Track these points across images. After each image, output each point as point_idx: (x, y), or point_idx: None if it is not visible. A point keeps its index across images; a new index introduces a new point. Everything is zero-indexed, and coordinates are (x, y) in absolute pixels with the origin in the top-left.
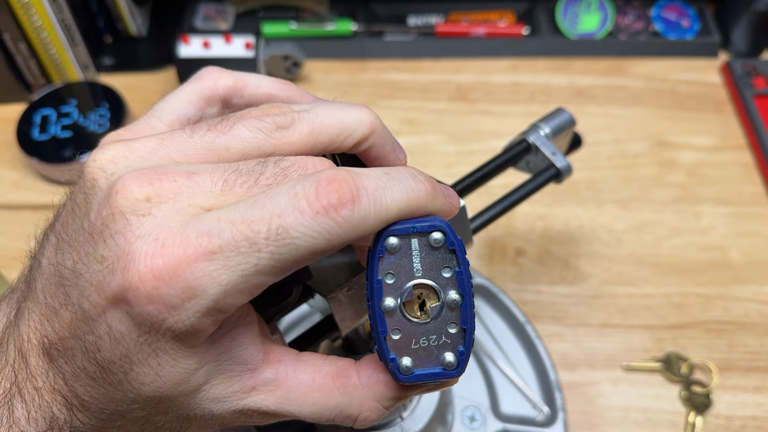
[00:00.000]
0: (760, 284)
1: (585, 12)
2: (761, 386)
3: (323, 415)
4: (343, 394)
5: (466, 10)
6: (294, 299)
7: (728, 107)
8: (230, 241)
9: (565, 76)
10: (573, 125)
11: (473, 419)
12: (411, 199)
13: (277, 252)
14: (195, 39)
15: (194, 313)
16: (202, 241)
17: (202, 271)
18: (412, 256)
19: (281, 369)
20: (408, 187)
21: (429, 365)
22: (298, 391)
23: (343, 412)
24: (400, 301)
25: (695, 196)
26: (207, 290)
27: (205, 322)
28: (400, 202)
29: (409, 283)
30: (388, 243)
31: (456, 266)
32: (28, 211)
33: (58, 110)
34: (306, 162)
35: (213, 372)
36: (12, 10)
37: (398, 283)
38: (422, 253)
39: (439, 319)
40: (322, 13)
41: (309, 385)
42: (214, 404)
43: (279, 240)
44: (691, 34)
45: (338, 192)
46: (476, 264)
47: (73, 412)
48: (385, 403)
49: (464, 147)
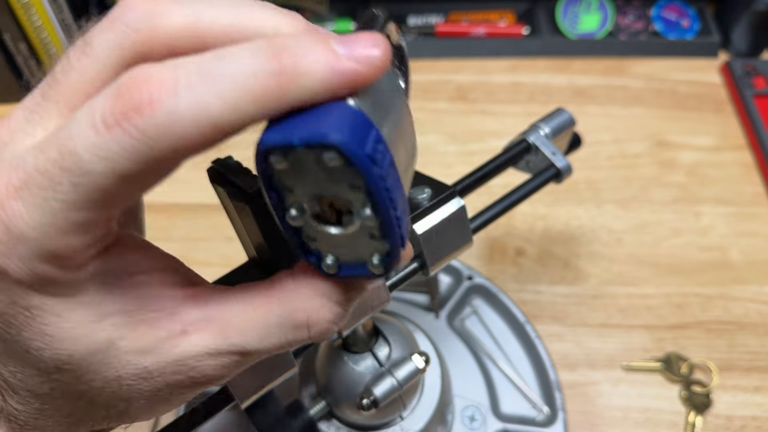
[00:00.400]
0: (760, 284)
1: (585, 12)
2: (761, 386)
3: (272, 335)
4: (283, 303)
5: (466, 10)
6: None
7: (728, 107)
8: (32, 174)
9: (565, 76)
10: (573, 125)
11: (473, 419)
12: (249, 91)
13: (77, 182)
14: None
15: (25, 259)
16: (10, 177)
17: (12, 210)
18: (307, 174)
19: (211, 305)
20: (244, 71)
21: (356, 266)
22: (234, 320)
23: (291, 323)
24: (307, 213)
25: (695, 196)
26: (24, 232)
27: (47, 268)
28: (228, 97)
29: (309, 197)
30: (271, 162)
31: (363, 186)
32: None
33: None
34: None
35: (124, 324)
36: (12, 10)
37: (299, 197)
38: (318, 170)
39: (359, 229)
40: (322, 13)
41: (244, 309)
42: (144, 357)
43: (74, 167)
44: (691, 34)
45: (131, 95)
46: (476, 264)
47: (5, 397)
48: (334, 298)
49: (464, 147)
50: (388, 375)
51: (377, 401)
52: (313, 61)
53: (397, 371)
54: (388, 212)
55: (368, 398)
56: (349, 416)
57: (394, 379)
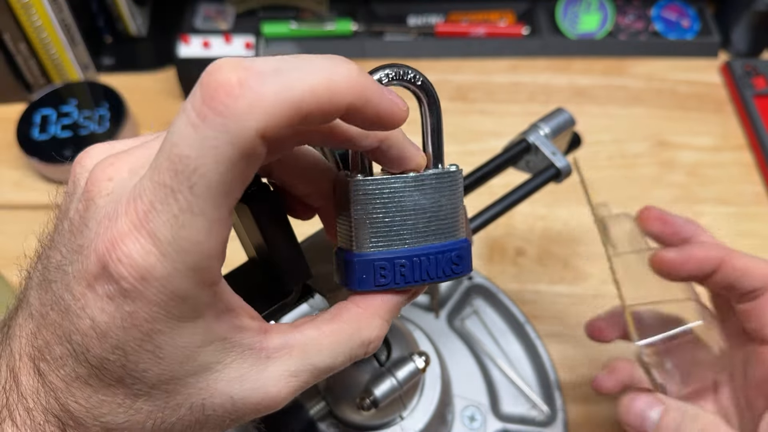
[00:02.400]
0: None
1: (585, 12)
2: None
3: (343, 352)
4: (351, 323)
5: (466, 10)
6: (294, 299)
7: (728, 107)
8: (154, 191)
9: (565, 76)
10: (573, 125)
11: (473, 419)
12: (324, 82)
13: (193, 183)
14: (195, 39)
15: (163, 280)
16: (137, 206)
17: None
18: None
19: (287, 335)
20: (320, 68)
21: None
22: (311, 343)
23: (358, 340)
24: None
25: (695, 196)
26: (156, 260)
27: (186, 286)
28: (307, 83)
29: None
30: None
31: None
32: (28, 211)
33: (58, 110)
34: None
35: (223, 350)
36: (12, 10)
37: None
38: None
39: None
40: (322, 13)
41: (318, 333)
42: (233, 386)
43: (186, 169)
44: (691, 34)
45: (220, 82)
46: (476, 264)
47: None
48: (387, 317)
49: (464, 147)
50: (388, 375)
51: (377, 401)
52: (374, 87)
53: (397, 371)
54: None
55: (368, 398)
56: (349, 416)
57: (394, 379)
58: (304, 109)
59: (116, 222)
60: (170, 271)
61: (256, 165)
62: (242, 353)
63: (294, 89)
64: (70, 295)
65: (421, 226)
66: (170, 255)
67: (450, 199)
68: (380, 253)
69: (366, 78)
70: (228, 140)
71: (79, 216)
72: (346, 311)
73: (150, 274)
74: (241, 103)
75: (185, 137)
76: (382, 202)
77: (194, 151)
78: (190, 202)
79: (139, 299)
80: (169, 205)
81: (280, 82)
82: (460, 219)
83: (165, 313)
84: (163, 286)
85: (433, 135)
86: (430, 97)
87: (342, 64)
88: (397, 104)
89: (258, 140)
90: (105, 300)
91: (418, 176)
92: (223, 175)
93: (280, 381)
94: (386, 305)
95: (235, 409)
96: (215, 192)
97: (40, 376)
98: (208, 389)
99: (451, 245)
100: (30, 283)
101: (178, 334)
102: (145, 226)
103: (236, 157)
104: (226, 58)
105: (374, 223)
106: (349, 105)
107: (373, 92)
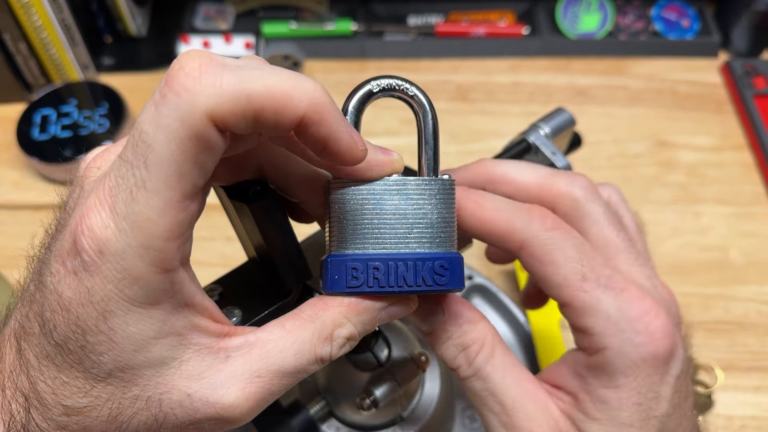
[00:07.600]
0: (760, 284)
1: (585, 12)
2: (761, 386)
3: (307, 350)
4: (316, 321)
5: (466, 10)
6: (293, 299)
7: (728, 107)
8: (117, 170)
9: (565, 76)
10: (573, 125)
11: (473, 419)
12: (281, 85)
13: (148, 158)
14: (195, 39)
15: (117, 256)
16: (105, 182)
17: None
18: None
19: (248, 334)
20: (283, 75)
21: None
22: (273, 340)
23: (322, 337)
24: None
25: (695, 196)
26: (115, 230)
27: (141, 267)
28: (264, 81)
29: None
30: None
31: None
32: (28, 211)
33: (58, 110)
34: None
35: (179, 345)
36: (12, 10)
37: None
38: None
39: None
40: (322, 13)
41: (281, 331)
42: (191, 383)
43: (142, 144)
44: (691, 34)
45: (186, 64)
46: (476, 264)
47: (30, 412)
48: (356, 320)
49: (464, 147)
50: (388, 375)
51: (377, 401)
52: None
53: (397, 371)
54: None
55: (368, 398)
56: (349, 416)
57: (394, 379)
58: (256, 103)
59: (88, 198)
60: (123, 246)
61: (211, 152)
62: (199, 351)
63: (249, 83)
64: (48, 272)
65: (401, 231)
66: (124, 229)
67: (437, 208)
68: (355, 254)
69: (327, 99)
70: (178, 117)
71: (73, 202)
72: (310, 308)
73: (106, 248)
74: (196, 84)
75: (146, 115)
76: (359, 202)
77: (151, 127)
78: (143, 178)
79: (96, 274)
80: (127, 180)
81: (239, 75)
82: (450, 231)
83: (118, 292)
84: (117, 262)
85: (428, 145)
86: (423, 108)
87: (307, 80)
88: (354, 140)
89: (207, 122)
90: (71, 276)
91: (399, 180)
92: (174, 153)
93: (241, 380)
94: (356, 307)
95: (194, 410)
96: (167, 170)
97: (19, 354)
98: (165, 384)
99: (434, 254)
100: (29, 270)
101: (132, 318)
102: (107, 200)
103: (185, 136)
104: (197, 49)
105: (351, 224)
106: (304, 115)
107: (330, 113)
